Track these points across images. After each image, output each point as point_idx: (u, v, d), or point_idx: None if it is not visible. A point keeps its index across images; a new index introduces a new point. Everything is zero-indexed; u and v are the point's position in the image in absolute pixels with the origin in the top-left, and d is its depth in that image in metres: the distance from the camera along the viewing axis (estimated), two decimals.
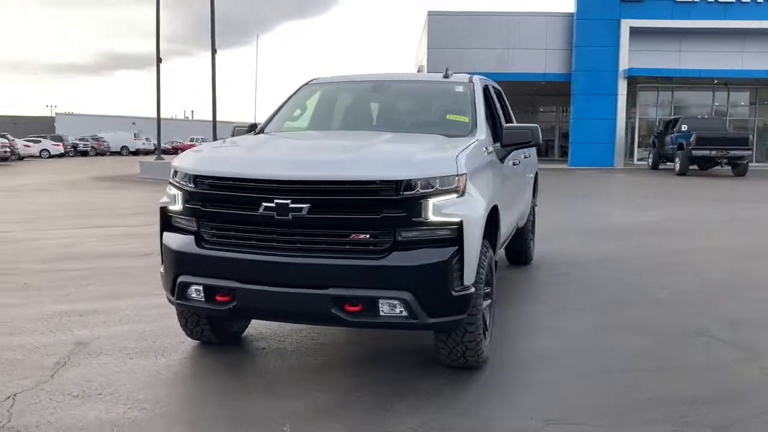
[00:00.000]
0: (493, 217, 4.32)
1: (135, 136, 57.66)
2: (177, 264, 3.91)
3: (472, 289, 3.74)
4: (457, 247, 3.61)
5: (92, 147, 51.80)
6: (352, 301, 3.58)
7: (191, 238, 3.89)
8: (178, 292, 3.91)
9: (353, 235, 3.59)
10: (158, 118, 25.15)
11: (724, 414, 3.54)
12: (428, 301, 3.57)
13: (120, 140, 55.98)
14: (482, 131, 4.67)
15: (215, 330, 4.44)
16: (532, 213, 7.34)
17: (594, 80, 31.34)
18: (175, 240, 3.95)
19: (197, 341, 4.56)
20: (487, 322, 4.23)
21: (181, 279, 3.88)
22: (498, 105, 5.73)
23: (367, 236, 3.58)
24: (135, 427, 3.32)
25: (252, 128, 5.27)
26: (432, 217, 3.58)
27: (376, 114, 5.35)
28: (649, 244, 9.11)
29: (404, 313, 3.56)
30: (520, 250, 7.26)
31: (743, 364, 4.34)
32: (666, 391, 3.83)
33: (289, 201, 3.58)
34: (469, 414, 3.52)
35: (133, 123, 70.19)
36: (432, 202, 3.58)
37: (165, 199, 4.07)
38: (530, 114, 39.70)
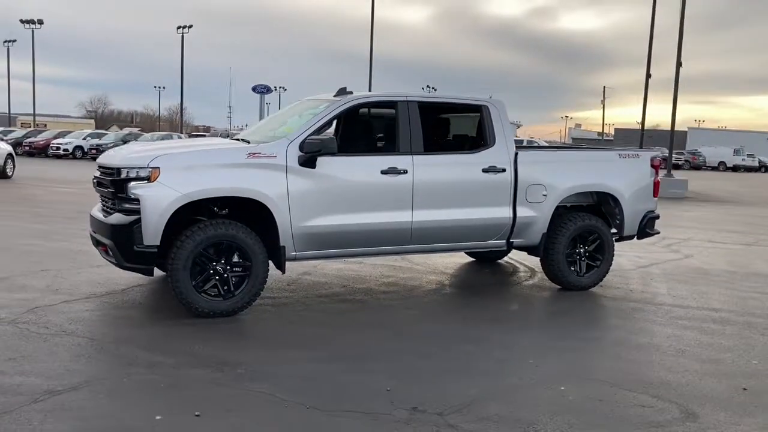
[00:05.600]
0: (261, 208, 5.54)
1: (734, 152, 56.23)
2: None
3: (155, 249, 5.26)
4: (138, 217, 5.22)
5: (686, 161, 53.35)
6: (101, 244, 5.64)
7: None
8: None
9: (113, 202, 5.60)
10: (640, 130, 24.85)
11: None
12: (121, 250, 5.36)
13: (718, 155, 56.34)
14: (284, 141, 5.75)
15: None
16: (557, 235, 6.66)
17: None
18: None
19: None
20: (231, 285, 5.52)
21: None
22: (398, 122, 6.17)
23: (111, 203, 5.56)
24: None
25: None
26: (128, 194, 5.32)
27: (264, 128, 6.89)
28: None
29: (112, 257, 5.41)
30: (550, 271, 6.88)
31: None
32: None
33: (99, 175, 5.84)
34: None
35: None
36: (129, 184, 5.32)
37: None
38: None
